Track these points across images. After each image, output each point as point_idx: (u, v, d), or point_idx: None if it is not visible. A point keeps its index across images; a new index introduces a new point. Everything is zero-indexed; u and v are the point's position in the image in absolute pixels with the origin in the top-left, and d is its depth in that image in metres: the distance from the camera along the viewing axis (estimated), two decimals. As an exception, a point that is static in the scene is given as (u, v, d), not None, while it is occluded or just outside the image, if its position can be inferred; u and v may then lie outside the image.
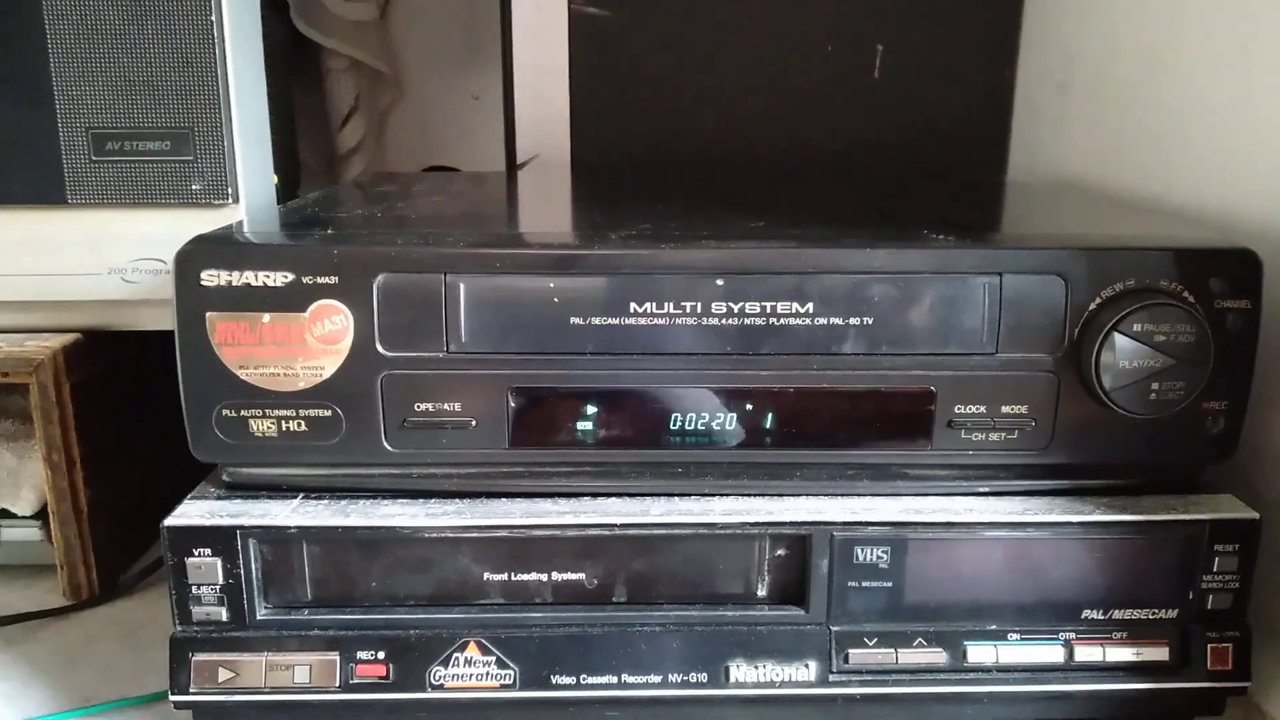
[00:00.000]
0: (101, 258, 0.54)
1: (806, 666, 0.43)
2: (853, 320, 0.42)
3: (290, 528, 0.42)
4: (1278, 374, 0.46)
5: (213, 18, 0.52)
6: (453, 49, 0.98)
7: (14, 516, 0.58)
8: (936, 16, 0.75)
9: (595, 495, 0.44)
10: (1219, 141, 0.52)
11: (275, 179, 0.62)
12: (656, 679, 0.43)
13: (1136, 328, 0.41)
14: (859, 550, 0.43)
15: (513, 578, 0.44)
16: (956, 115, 0.77)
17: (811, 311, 0.42)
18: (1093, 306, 0.42)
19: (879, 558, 0.43)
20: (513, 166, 0.76)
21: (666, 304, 0.42)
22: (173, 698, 0.43)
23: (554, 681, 0.43)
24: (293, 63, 0.87)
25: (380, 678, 0.43)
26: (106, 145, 0.53)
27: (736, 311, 0.42)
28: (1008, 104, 0.76)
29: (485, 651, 0.43)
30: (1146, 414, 0.42)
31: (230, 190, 0.54)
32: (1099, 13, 0.65)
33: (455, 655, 0.43)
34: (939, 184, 0.70)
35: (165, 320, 0.43)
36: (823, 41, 0.75)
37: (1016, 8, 0.75)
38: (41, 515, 0.58)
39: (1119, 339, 0.41)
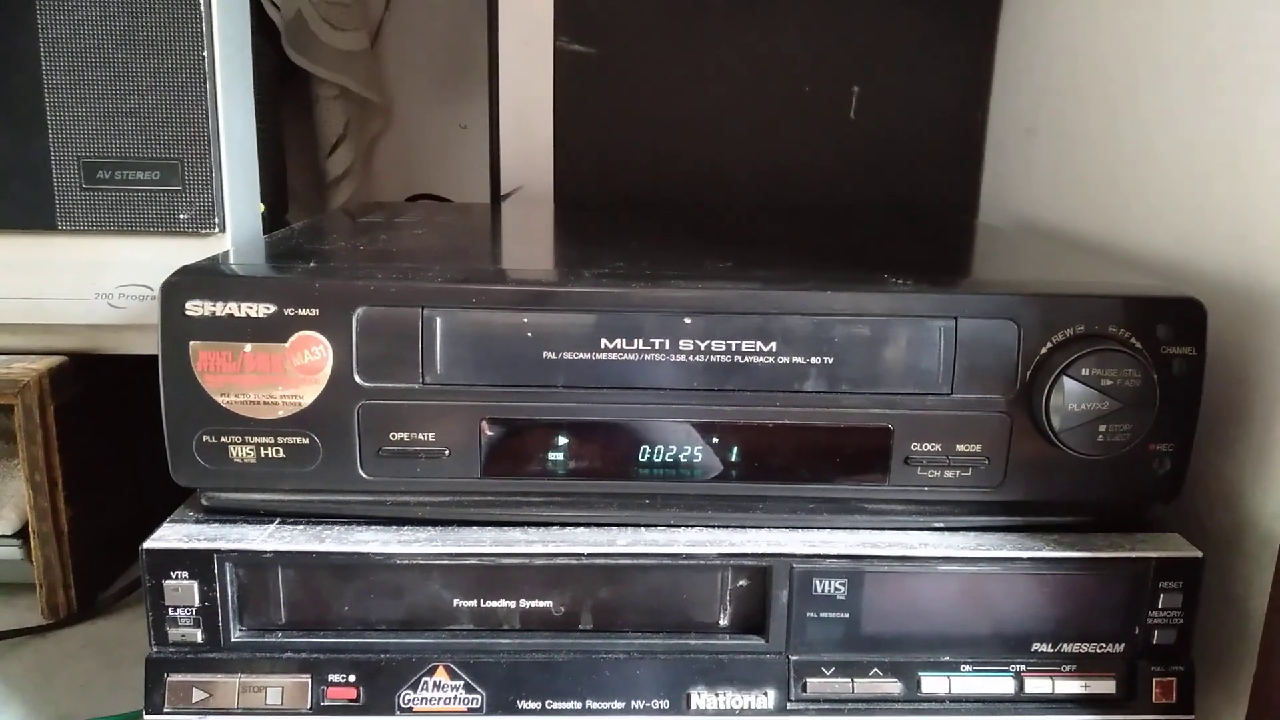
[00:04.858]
0: (89, 283, 0.56)
1: (765, 695, 0.45)
2: (814, 360, 0.44)
3: (266, 552, 0.43)
4: (1226, 416, 0.48)
5: (204, 52, 0.53)
6: (441, 79, 1.00)
7: (-5, 535, 0.59)
8: (911, 59, 0.77)
9: (564, 525, 0.45)
10: (1170, 190, 0.54)
11: (262, 208, 0.64)
12: (620, 705, 0.45)
13: (1085, 372, 0.43)
14: (818, 582, 0.44)
15: (482, 604, 0.45)
16: (930, 156, 0.79)
17: (775, 350, 0.44)
18: (1044, 350, 0.44)
19: (837, 589, 0.44)
20: (497, 198, 0.78)
21: (636, 340, 0.44)
22: (147, 717, 0.44)
23: (520, 707, 0.44)
24: (283, 90, 0.89)
25: (351, 700, 0.44)
26: (97, 174, 0.54)
27: (703, 349, 0.44)
28: (979, 146, 0.78)
29: (454, 676, 0.44)
30: (1095, 455, 0.43)
31: (217, 220, 0.55)
32: (1065, 60, 0.68)
33: (424, 679, 0.44)
34: (908, 225, 0.72)
35: (150, 345, 0.44)
36: (801, 82, 0.77)
37: (989, 52, 0.77)
38: (22, 534, 0.58)
39: (1068, 382, 0.42)
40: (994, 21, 0.77)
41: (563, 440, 0.45)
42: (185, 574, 0.43)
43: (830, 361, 0.44)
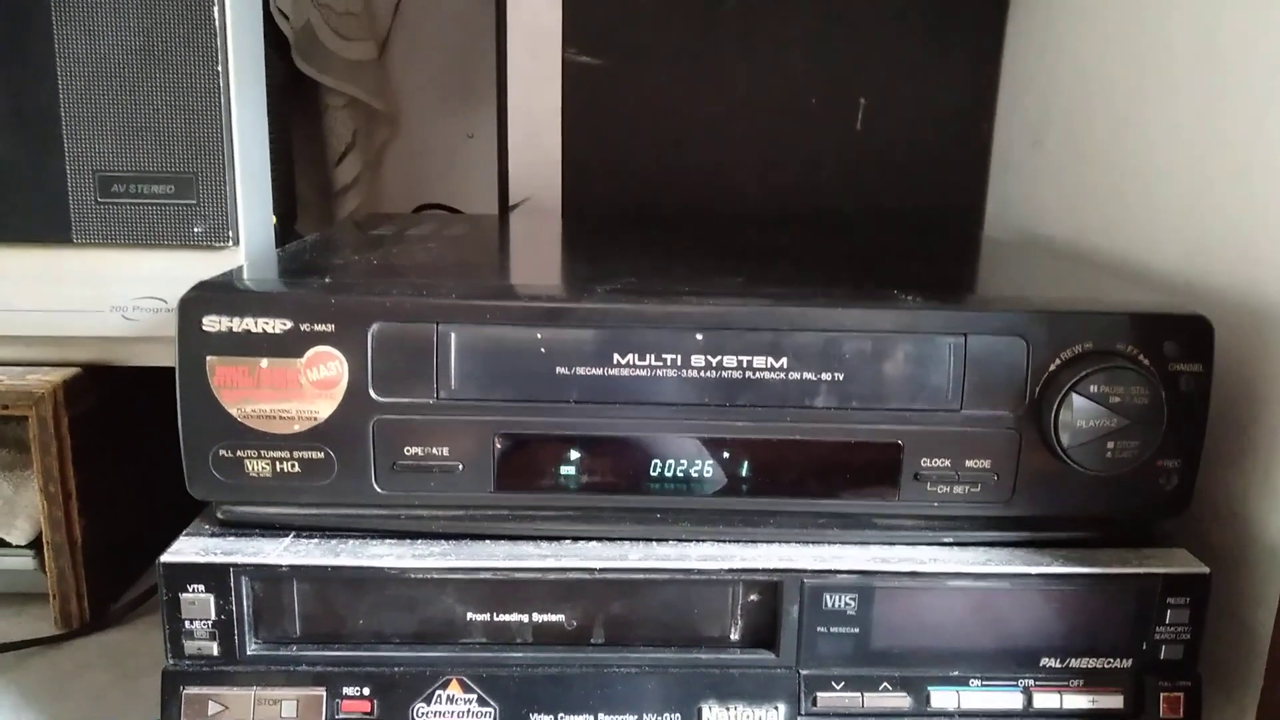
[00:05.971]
0: (103, 295, 0.56)
1: (776, 709, 0.45)
2: (824, 376, 0.44)
3: (282, 566, 0.44)
4: (1232, 432, 0.48)
5: (219, 67, 0.54)
6: (449, 88, 1.00)
7: (8, 545, 0.59)
8: (918, 71, 0.78)
9: (576, 539, 0.46)
10: (1178, 205, 0.55)
11: (275, 220, 0.64)
12: (632, 718, 0.45)
13: (1093, 389, 0.43)
14: (828, 597, 0.45)
15: (495, 618, 0.45)
16: (936, 168, 0.79)
17: (785, 366, 0.44)
18: (1053, 367, 0.44)
19: (847, 604, 0.45)
20: (505, 208, 0.78)
21: (648, 356, 0.44)
22: (162, 729, 0.44)
23: (533, 720, 0.45)
24: (292, 100, 0.89)
25: (365, 713, 0.44)
26: (112, 187, 0.55)
27: (715, 365, 0.44)
28: (985, 159, 0.79)
29: (467, 689, 0.45)
30: (1103, 471, 0.44)
31: (231, 233, 0.55)
32: (1071, 73, 0.68)
33: (438, 693, 0.44)
34: (915, 238, 0.72)
35: (163, 357, 0.45)
36: (808, 94, 0.78)
37: (995, 64, 0.78)
38: (36, 545, 0.59)
39: (1077, 399, 0.43)
40: (1000, 34, 0.77)
41: (575, 455, 0.45)
42: (202, 587, 0.43)
43: (840, 377, 0.44)
